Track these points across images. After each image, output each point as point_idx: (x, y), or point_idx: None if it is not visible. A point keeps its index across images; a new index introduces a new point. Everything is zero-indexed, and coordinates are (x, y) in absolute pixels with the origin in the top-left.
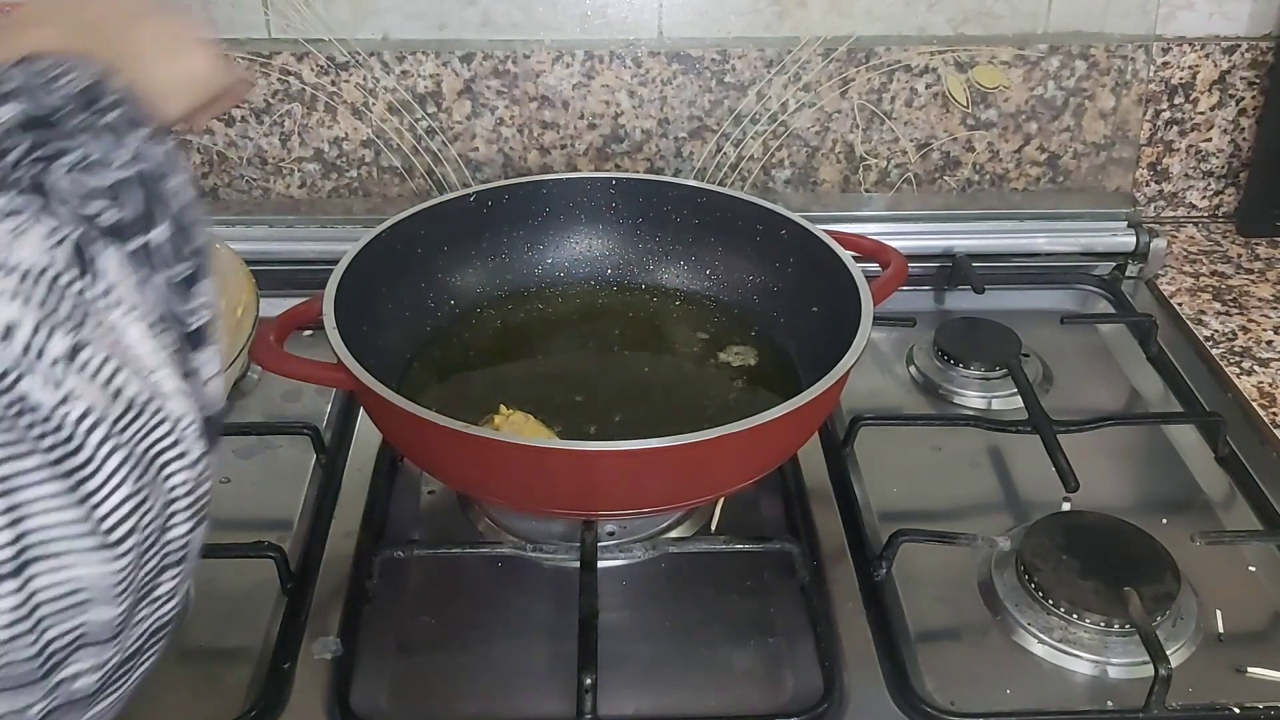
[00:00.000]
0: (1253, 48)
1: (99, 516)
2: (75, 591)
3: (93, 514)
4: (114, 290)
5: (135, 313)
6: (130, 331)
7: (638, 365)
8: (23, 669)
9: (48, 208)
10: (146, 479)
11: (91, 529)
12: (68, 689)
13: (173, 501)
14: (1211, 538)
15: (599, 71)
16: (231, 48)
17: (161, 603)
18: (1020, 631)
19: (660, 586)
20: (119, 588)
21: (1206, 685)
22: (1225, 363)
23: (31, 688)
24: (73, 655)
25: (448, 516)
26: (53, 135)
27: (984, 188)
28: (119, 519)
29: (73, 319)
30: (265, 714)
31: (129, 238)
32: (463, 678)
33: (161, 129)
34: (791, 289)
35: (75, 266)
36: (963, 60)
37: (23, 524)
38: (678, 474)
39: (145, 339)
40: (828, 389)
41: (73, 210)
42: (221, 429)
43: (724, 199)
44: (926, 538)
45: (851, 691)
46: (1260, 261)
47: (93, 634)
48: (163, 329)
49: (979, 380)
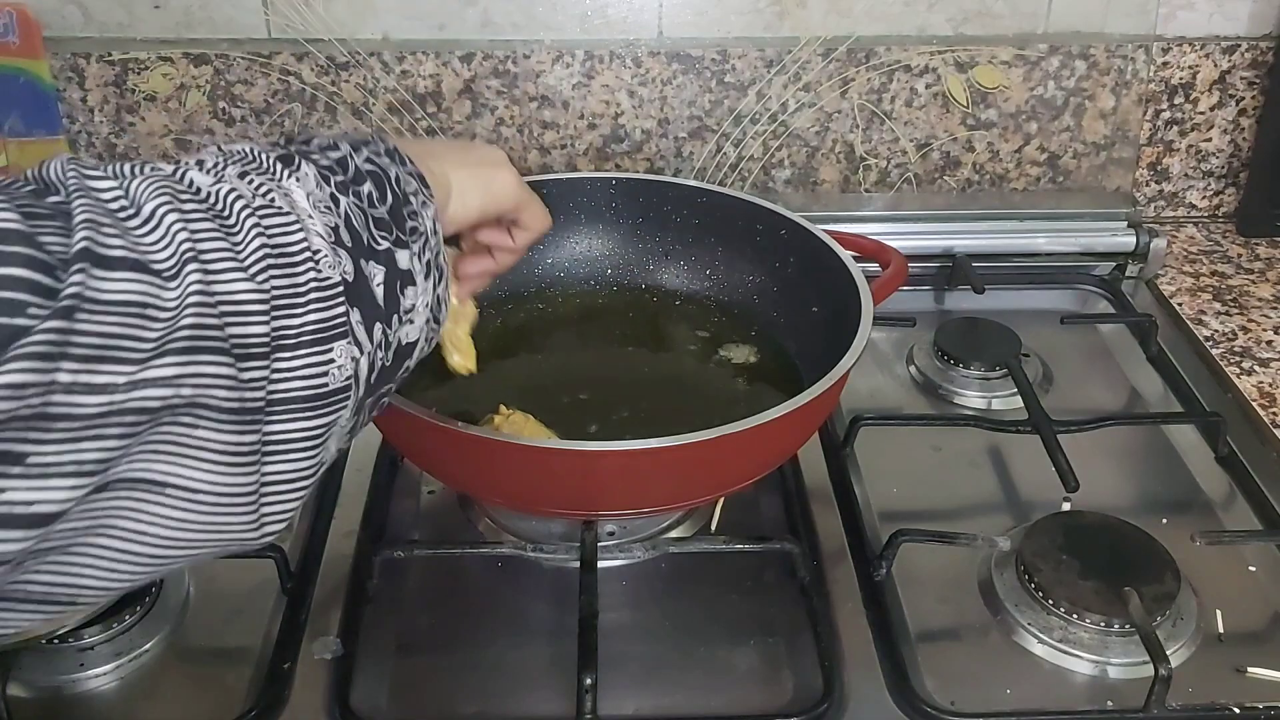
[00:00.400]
0: (1253, 48)
1: (240, 254)
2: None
3: (235, 249)
4: (303, 179)
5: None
6: (297, 192)
7: (637, 365)
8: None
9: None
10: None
11: (235, 258)
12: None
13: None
14: (1211, 538)
15: (599, 71)
16: (231, 48)
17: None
18: (1020, 631)
19: (660, 586)
20: (262, 311)
21: (1206, 685)
22: (1225, 363)
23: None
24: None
25: (448, 516)
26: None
27: (984, 188)
28: (254, 258)
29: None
30: (265, 714)
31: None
32: (463, 678)
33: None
34: (791, 289)
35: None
36: (963, 60)
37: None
38: (678, 474)
39: (306, 200)
40: (828, 389)
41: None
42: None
43: (724, 199)
44: (926, 538)
45: (851, 691)
46: (1260, 261)
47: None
48: (329, 213)
49: (979, 380)
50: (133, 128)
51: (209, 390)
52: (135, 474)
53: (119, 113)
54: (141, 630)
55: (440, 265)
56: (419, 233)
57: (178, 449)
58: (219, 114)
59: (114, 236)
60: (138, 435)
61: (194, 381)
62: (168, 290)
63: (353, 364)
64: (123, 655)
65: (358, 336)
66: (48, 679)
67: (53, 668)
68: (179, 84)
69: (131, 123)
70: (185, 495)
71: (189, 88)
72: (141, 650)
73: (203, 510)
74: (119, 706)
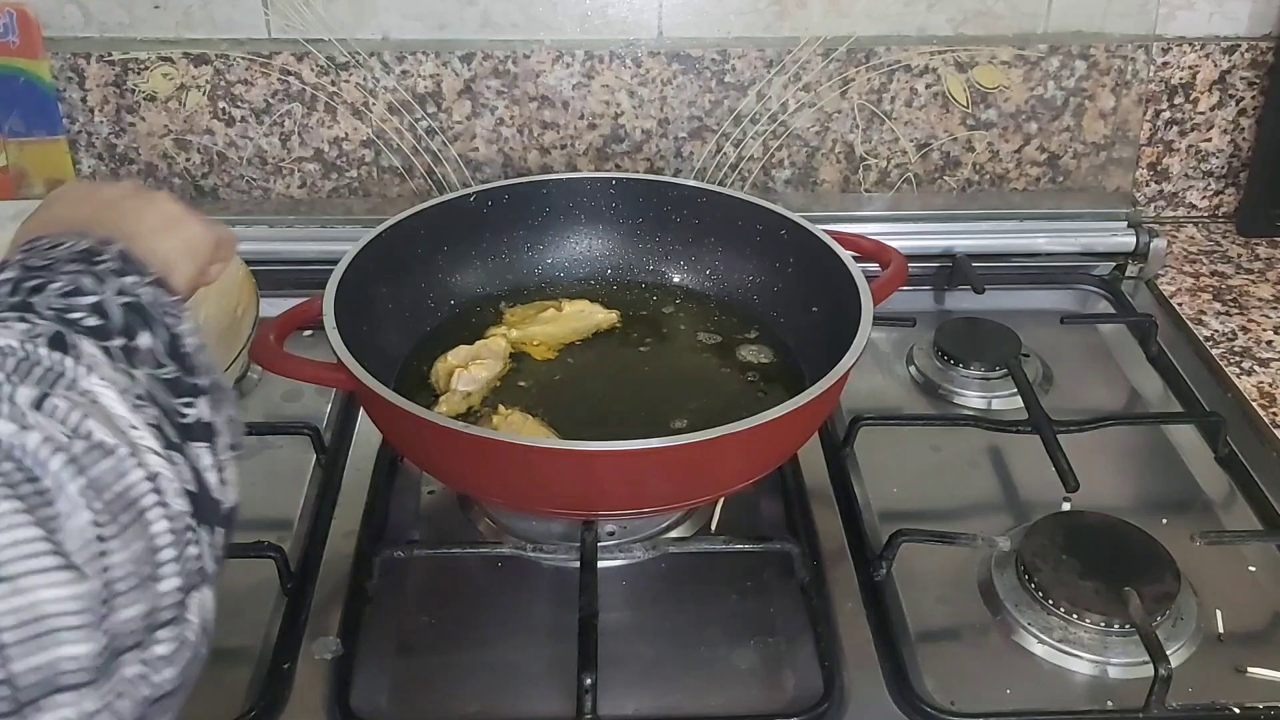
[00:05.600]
0: (1253, 48)
1: (59, 539)
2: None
3: (53, 534)
4: (94, 367)
5: (114, 386)
6: (106, 394)
7: (637, 365)
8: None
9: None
10: (119, 514)
11: (50, 549)
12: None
13: (158, 550)
14: (1211, 538)
15: (599, 71)
16: (231, 48)
17: (158, 666)
18: (1020, 631)
19: (660, 586)
20: (85, 616)
21: (1206, 685)
22: (1225, 363)
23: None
24: (48, 698)
25: (448, 516)
26: (45, 275)
27: (984, 188)
28: (82, 543)
29: (44, 380)
30: (265, 714)
31: (108, 336)
32: (463, 678)
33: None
34: (791, 289)
35: (56, 350)
36: (963, 60)
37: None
38: (678, 474)
39: (121, 403)
40: (828, 389)
41: (56, 316)
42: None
43: (724, 199)
44: (926, 538)
45: (851, 691)
46: (1260, 261)
47: (67, 675)
48: (143, 405)
49: (979, 380)
50: (133, 128)
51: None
52: None
53: (119, 113)
54: None
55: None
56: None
57: None
58: (219, 114)
59: None
60: None
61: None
62: None
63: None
64: None
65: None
66: None
67: None
68: (179, 84)
69: (131, 123)
70: None
71: (189, 88)
72: None
73: None
74: None
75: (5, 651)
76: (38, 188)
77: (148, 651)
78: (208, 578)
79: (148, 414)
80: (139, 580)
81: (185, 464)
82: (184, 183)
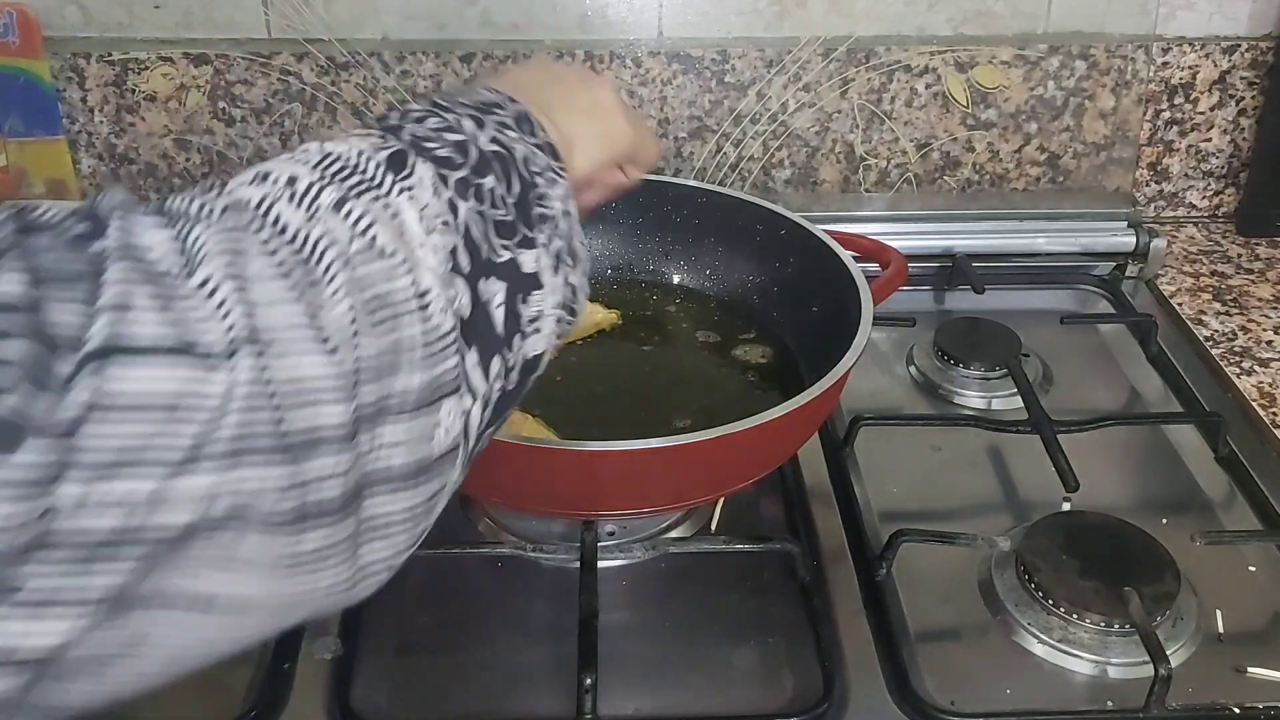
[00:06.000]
0: (1253, 48)
1: (320, 321)
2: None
3: (315, 317)
4: (414, 188)
5: (417, 205)
6: (409, 212)
7: (637, 364)
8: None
9: (389, 136)
10: (375, 310)
11: (313, 329)
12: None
13: (404, 351)
14: (1211, 538)
15: (599, 71)
16: (231, 48)
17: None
18: (1020, 631)
19: (660, 586)
20: (340, 390)
21: (1206, 685)
22: (1225, 363)
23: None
24: (313, 450)
25: (448, 516)
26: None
27: (984, 188)
28: (339, 328)
29: (355, 188)
30: (265, 714)
31: (453, 168)
32: (463, 678)
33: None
34: (791, 289)
35: (392, 167)
36: (963, 60)
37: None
38: (678, 474)
39: (419, 222)
40: (828, 389)
41: (412, 141)
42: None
43: (724, 199)
44: (926, 538)
45: (851, 691)
46: (1260, 261)
47: (326, 432)
48: (446, 230)
49: (979, 380)
50: (133, 128)
51: (252, 502)
52: (169, 590)
53: (119, 113)
54: None
55: (574, 250)
56: (547, 219)
57: (220, 563)
58: (219, 114)
59: (148, 313)
60: (160, 556)
61: (233, 494)
62: (210, 382)
63: (462, 419)
64: None
65: (472, 383)
66: None
67: None
68: (179, 84)
69: (131, 123)
70: (240, 605)
71: (189, 88)
72: None
73: (265, 615)
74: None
75: (279, 409)
76: (38, 188)
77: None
78: (476, 395)
79: (446, 239)
80: (383, 375)
81: (466, 291)
82: (184, 183)
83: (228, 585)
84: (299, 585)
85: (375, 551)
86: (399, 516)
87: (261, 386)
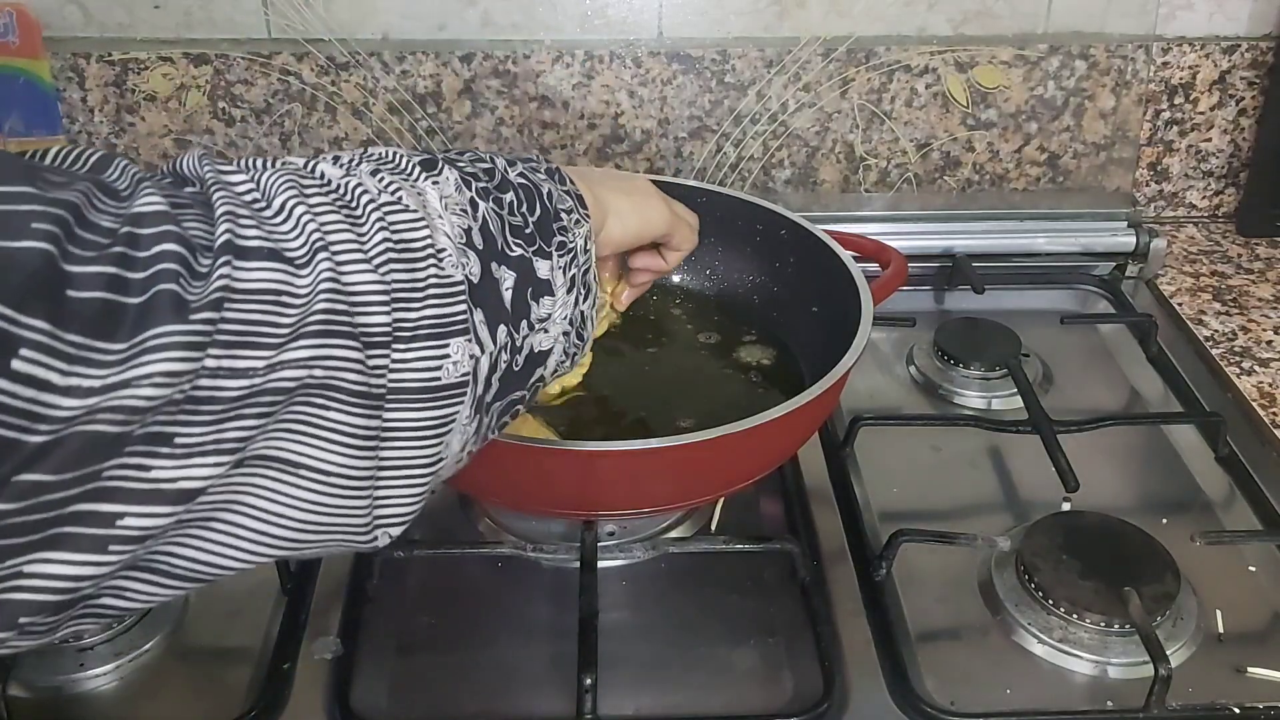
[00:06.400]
0: (1253, 48)
1: (364, 245)
2: (359, 287)
3: (360, 240)
4: (439, 183)
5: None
6: (431, 193)
7: (638, 364)
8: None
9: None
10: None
11: (362, 250)
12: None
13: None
14: (1211, 538)
15: (599, 71)
16: (231, 48)
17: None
18: (1020, 631)
19: (660, 586)
20: (382, 304)
21: (1206, 685)
22: (1225, 363)
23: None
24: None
25: (448, 516)
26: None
27: (984, 188)
28: (378, 253)
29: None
30: (265, 714)
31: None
32: (463, 678)
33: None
34: (791, 289)
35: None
36: (963, 60)
37: (326, 231)
38: (678, 474)
39: (439, 202)
40: (828, 389)
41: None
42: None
43: (724, 199)
44: (926, 538)
45: (851, 691)
46: (1260, 261)
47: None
48: (463, 215)
49: (979, 380)
50: (133, 128)
51: (339, 373)
52: (270, 451)
53: (119, 113)
54: (141, 630)
55: (588, 283)
56: (567, 248)
57: (309, 429)
58: (219, 114)
59: (251, 227)
60: (273, 415)
61: (325, 364)
62: (300, 278)
63: (471, 361)
64: (123, 655)
65: (479, 335)
66: (48, 679)
67: (53, 668)
68: (179, 84)
69: (131, 123)
70: (314, 476)
71: (189, 88)
72: (141, 650)
73: (329, 493)
74: (119, 706)
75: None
76: None
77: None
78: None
79: (463, 220)
80: (405, 299)
81: (477, 263)
82: None
83: (310, 452)
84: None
85: (392, 453)
86: (413, 427)
87: (337, 283)
